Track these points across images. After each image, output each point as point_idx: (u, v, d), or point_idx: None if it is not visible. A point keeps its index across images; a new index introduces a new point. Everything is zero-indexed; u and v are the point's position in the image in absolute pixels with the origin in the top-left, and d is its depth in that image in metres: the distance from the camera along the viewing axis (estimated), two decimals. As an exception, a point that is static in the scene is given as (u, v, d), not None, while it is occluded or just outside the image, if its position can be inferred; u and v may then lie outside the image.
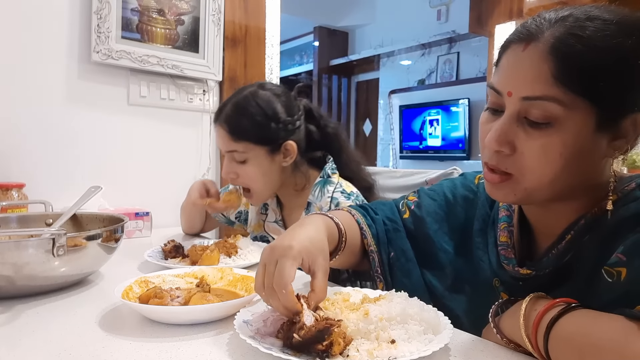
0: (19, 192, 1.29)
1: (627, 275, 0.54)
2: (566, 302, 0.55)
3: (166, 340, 0.63)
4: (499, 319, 0.63)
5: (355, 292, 0.74)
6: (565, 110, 0.56)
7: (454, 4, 4.52)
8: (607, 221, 0.60)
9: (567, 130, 0.57)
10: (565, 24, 0.57)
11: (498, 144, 0.61)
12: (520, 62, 0.59)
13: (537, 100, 0.57)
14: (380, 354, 0.55)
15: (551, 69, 0.56)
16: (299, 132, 1.18)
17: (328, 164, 1.20)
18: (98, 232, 0.85)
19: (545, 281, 0.65)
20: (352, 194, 1.15)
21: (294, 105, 1.18)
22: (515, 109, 0.60)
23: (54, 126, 1.45)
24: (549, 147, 0.58)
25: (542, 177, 0.60)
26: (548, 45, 0.57)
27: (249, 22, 1.85)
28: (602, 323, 0.51)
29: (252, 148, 1.13)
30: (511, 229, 0.73)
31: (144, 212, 1.40)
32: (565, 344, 0.52)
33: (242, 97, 1.16)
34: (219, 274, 0.87)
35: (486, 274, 0.74)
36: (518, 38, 0.60)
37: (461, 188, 0.85)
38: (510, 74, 0.61)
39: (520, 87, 0.59)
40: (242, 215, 1.42)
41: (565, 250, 0.63)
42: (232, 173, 1.17)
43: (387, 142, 5.42)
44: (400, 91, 5.14)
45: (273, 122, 1.12)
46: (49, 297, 0.80)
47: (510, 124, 0.60)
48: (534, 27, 0.59)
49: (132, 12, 1.54)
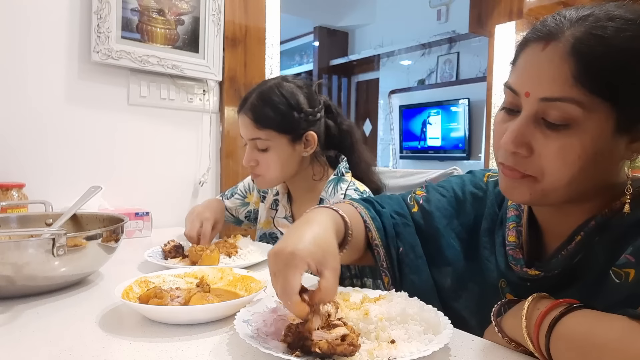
0: (19, 192, 1.29)
1: (635, 277, 0.54)
2: (569, 302, 0.55)
3: (166, 340, 0.63)
4: (501, 318, 0.63)
5: (355, 292, 0.74)
6: (584, 112, 0.55)
7: (454, 4, 4.52)
8: (618, 223, 0.59)
9: (586, 132, 0.56)
10: (586, 24, 0.56)
11: (515, 145, 0.59)
12: (539, 62, 0.58)
13: (556, 101, 0.56)
14: (380, 354, 0.55)
15: (571, 69, 0.55)
16: (319, 125, 1.21)
17: (342, 163, 1.23)
18: (98, 232, 0.85)
19: (553, 282, 0.64)
20: (364, 193, 1.18)
21: (315, 99, 1.21)
22: (533, 110, 0.59)
23: (54, 126, 1.45)
24: (567, 149, 0.57)
25: (560, 180, 0.59)
26: (568, 46, 0.56)
27: (249, 22, 1.85)
28: (604, 323, 0.51)
29: (274, 136, 1.16)
30: (520, 228, 0.72)
31: (144, 212, 1.40)
32: (567, 344, 0.52)
33: (267, 87, 1.19)
34: (219, 274, 0.87)
35: (492, 274, 0.73)
36: (537, 37, 0.59)
37: (470, 185, 0.84)
38: (529, 74, 0.59)
39: (538, 88, 0.58)
40: (251, 215, 1.44)
41: (575, 251, 0.63)
42: (253, 160, 1.19)
43: (387, 142, 5.42)
44: (400, 91, 5.14)
45: (296, 111, 1.16)
46: (49, 297, 0.80)
47: (527, 125, 0.59)
48: (554, 26, 0.58)
49: (132, 12, 1.54)
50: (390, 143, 5.32)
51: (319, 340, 0.53)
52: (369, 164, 1.29)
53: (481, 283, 0.75)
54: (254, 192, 1.43)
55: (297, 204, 1.31)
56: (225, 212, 1.43)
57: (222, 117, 1.80)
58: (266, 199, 1.38)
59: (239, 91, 1.82)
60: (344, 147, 1.27)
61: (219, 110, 1.81)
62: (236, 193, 1.44)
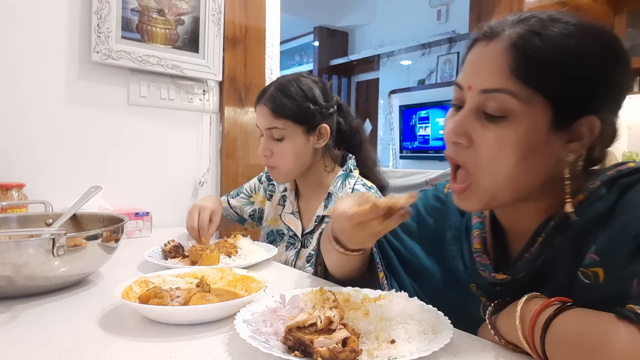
0: (19, 192, 1.29)
1: (606, 275, 0.54)
2: (560, 301, 0.56)
3: (166, 340, 0.63)
4: (495, 319, 0.63)
5: (355, 292, 0.74)
6: (520, 104, 0.58)
7: (454, 4, 4.52)
8: (576, 221, 0.60)
9: (522, 125, 0.59)
10: (528, 23, 0.60)
11: (455, 135, 0.63)
12: (481, 57, 0.62)
13: (494, 92, 0.59)
14: (380, 354, 0.55)
15: (509, 62, 0.58)
16: (332, 119, 1.27)
17: (350, 160, 1.28)
18: (98, 232, 0.85)
19: (521, 285, 0.65)
20: (372, 188, 1.23)
21: (329, 94, 1.28)
22: (474, 102, 0.62)
23: (54, 126, 1.45)
24: (503, 140, 0.59)
25: (497, 173, 0.61)
26: (509, 41, 0.59)
27: (249, 22, 1.85)
28: (594, 323, 0.51)
29: (290, 126, 1.20)
30: (484, 234, 0.73)
31: (144, 212, 1.41)
32: (560, 344, 0.52)
33: (285, 80, 1.25)
34: (219, 274, 0.87)
35: (464, 281, 0.75)
36: (482, 36, 0.63)
37: (432, 199, 0.88)
38: (472, 69, 0.63)
39: (479, 81, 0.61)
40: (255, 213, 1.45)
41: (538, 252, 0.64)
42: (267, 150, 1.24)
43: (387, 142, 5.41)
44: (400, 91, 5.14)
45: (311, 103, 1.21)
46: (49, 297, 0.80)
47: (468, 116, 0.62)
48: (498, 26, 0.62)
49: (132, 12, 1.54)
50: (390, 143, 5.32)
51: (320, 347, 0.53)
52: (375, 163, 1.35)
53: (455, 290, 0.76)
54: (260, 192, 1.45)
55: (304, 200, 1.33)
56: (230, 210, 1.46)
57: (222, 117, 1.80)
58: (273, 196, 1.41)
59: (239, 91, 1.82)
60: (353, 143, 1.33)
61: (219, 110, 1.81)
62: (242, 192, 1.47)
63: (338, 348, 0.54)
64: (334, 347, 0.54)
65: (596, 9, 3.03)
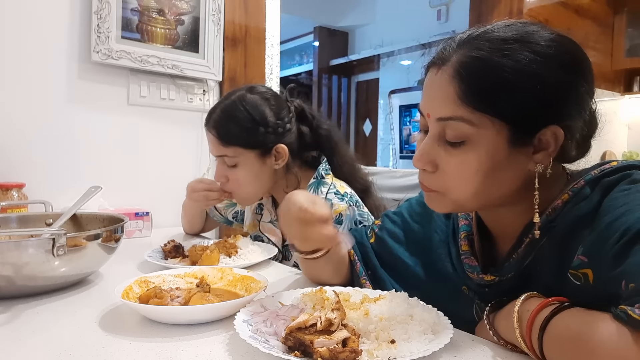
0: (19, 192, 1.29)
1: (595, 277, 0.54)
2: (558, 300, 0.55)
3: (166, 340, 0.63)
4: (494, 318, 0.63)
5: (355, 292, 0.74)
6: (475, 129, 0.59)
7: (454, 4, 4.52)
8: (562, 222, 0.61)
9: (481, 147, 0.60)
10: (468, 46, 0.61)
11: (421, 163, 0.65)
12: (432, 85, 0.64)
13: (448, 120, 0.61)
14: (380, 354, 0.55)
15: (456, 90, 0.60)
16: (290, 135, 1.18)
17: (322, 165, 1.20)
18: (98, 232, 0.85)
19: (510, 285, 0.65)
20: (345, 195, 1.14)
21: (283, 108, 1.18)
22: (436, 130, 0.63)
23: (54, 126, 1.45)
24: (466, 164, 0.61)
25: (464, 192, 0.63)
26: (453, 69, 0.60)
27: (249, 22, 1.85)
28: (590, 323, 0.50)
29: (241, 152, 1.13)
30: (471, 236, 0.74)
31: (144, 212, 1.41)
32: (558, 345, 0.52)
33: (230, 102, 1.16)
34: (219, 274, 0.87)
35: (454, 283, 0.75)
36: (434, 62, 0.64)
37: (415, 205, 0.89)
38: (427, 96, 0.65)
39: (434, 109, 0.63)
40: (238, 215, 1.43)
41: (525, 253, 0.64)
42: (223, 177, 1.18)
43: (387, 142, 5.41)
44: (400, 91, 5.13)
45: (261, 126, 1.13)
46: (49, 297, 0.80)
47: (432, 144, 0.64)
48: (445, 52, 0.63)
49: (132, 12, 1.54)
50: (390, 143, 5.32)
51: (320, 347, 0.53)
52: (353, 164, 1.27)
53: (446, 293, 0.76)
54: None
55: None
56: (215, 211, 1.44)
57: (222, 117, 1.80)
58: None
59: (239, 91, 1.82)
60: (324, 151, 1.24)
61: (219, 110, 1.81)
62: None
63: (338, 348, 0.54)
64: (334, 348, 0.54)
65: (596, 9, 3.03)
